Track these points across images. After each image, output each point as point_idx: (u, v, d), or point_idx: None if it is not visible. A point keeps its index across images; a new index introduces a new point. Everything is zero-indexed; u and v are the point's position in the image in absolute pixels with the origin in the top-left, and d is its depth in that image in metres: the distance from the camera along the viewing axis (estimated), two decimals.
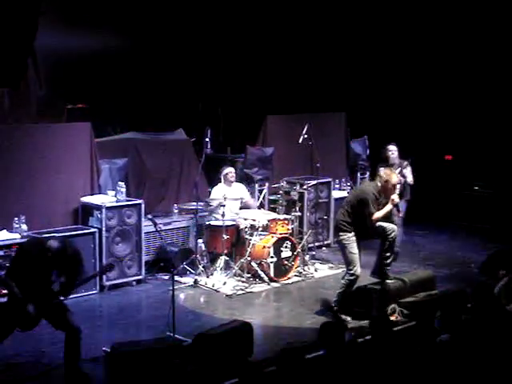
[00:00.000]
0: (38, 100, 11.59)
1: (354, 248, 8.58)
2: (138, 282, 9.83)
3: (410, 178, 10.49)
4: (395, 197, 8.56)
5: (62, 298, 6.98)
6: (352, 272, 8.60)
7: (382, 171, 8.72)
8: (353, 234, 8.56)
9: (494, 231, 12.54)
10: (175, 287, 7.68)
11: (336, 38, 13.93)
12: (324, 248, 11.70)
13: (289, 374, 5.44)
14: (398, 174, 9.35)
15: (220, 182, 10.60)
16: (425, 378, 5.58)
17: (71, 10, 11.71)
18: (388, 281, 8.71)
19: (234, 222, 10.15)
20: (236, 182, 10.70)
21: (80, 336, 6.85)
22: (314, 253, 11.03)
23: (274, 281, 9.94)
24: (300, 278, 10.21)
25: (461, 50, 13.71)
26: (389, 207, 8.52)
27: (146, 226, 9.78)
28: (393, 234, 8.60)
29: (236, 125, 13.38)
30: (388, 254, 8.70)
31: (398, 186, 8.88)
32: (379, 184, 8.54)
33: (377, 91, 14.23)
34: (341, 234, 8.60)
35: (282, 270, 10.05)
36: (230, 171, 10.58)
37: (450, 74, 13.91)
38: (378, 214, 8.46)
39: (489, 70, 13.50)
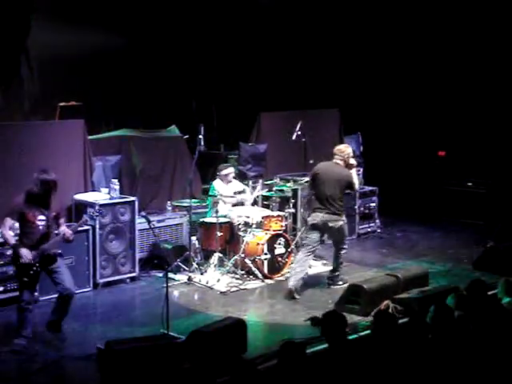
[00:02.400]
0: (30, 97, 11.58)
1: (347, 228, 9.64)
2: (132, 279, 9.83)
3: None
4: (354, 162, 9.66)
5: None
6: (346, 247, 9.64)
7: (336, 149, 9.61)
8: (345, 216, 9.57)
9: (488, 227, 12.58)
10: (169, 284, 7.67)
11: (329, 35, 13.94)
12: None
13: (289, 368, 5.45)
14: None
15: (216, 178, 10.60)
16: (420, 373, 5.59)
17: (64, 7, 11.69)
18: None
19: (227, 219, 10.15)
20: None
21: (71, 300, 7.49)
22: None
23: (268, 277, 9.94)
24: None
25: (453, 46, 13.72)
26: (356, 173, 9.66)
27: (140, 223, 9.78)
28: None
29: (229, 122, 13.38)
30: None
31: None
32: (340, 161, 9.46)
33: (370, 88, 14.24)
34: (342, 218, 9.44)
35: (275, 266, 10.06)
36: (230, 172, 10.58)
37: (444, 70, 13.93)
38: (356, 184, 9.65)
39: (482, 67, 13.52)
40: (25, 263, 7.32)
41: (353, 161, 9.65)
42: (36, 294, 8.77)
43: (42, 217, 7.41)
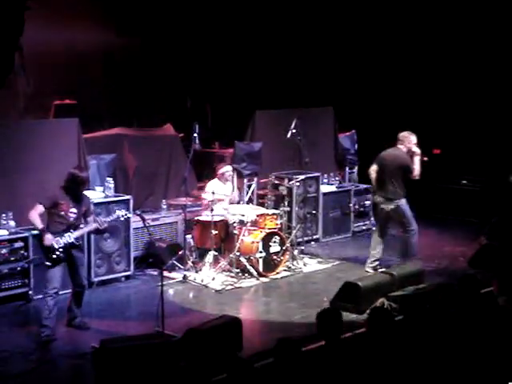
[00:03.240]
0: (25, 96, 11.56)
1: (408, 210, 10.01)
2: (127, 277, 9.81)
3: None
4: (417, 149, 9.93)
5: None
6: (412, 228, 9.97)
7: (400, 135, 10.00)
8: (404, 199, 9.95)
9: (482, 225, 12.58)
10: (164, 283, 7.67)
11: (324, 33, 13.94)
12: (313, 242, 11.71)
13: (285, 366, 5.45)
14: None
15: (213, 177, 10.61)
16: (416, 370, 5.60)
17: (58, 5, 11.68)
18: None
19: (222, 218, 10.14)
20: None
21: (84, 291, 8.02)
22: (302, 247, 11.04)
23: (263, 276, 9.94)
24: (289, 273, 10.22)
25: (448, 44, 13.73)
26: (418, 160, 9.92)
27: (135, 221, 9.76)
28: None
29: (224, 120, 13.37)
30: None
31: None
32: (403, 147, 9.93)
33: (365, 86, 14.24)
34: (396, 201, 9.89)
35: (270, 264, 10.05)
36: (227, 170, 10.58)
37: (438, 69, 13.94)
38: (416, 170, 9.89)
39: (477, 64, 13.53)
40: (48, 246, 7.63)
41: (415, 148, 9.95)
42: (30, 292, 8.80)
43: (74, 209, 7.86)
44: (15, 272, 8.77)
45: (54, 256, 7.69)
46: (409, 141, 9.96)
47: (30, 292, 8.81)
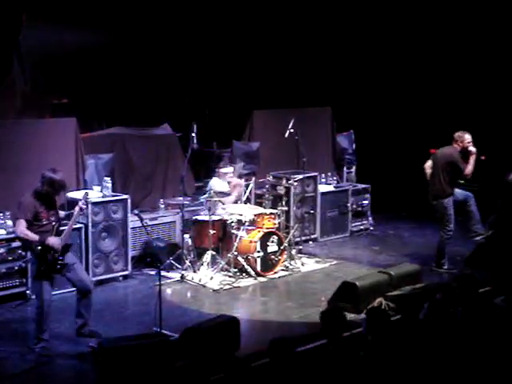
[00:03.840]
0: (22, 95, 11.55)
1: (451, 209, 10.09)
2: (125, 277, 9.82)
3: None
4: (472, 148, 10.03)
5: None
6: (449, 229, 10.16)
7: (455, 134, 10.14)
8: (450, 197, 10.08)
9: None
10: (162, 282, 7.68)
11: (321, 33, 13.94)
12: (311, 242, 11.72)
13: (279, 365, 5.46)
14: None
15: (214, 175, 10.62)
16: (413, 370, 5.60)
17: (55, 5, 11.66)
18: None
19: (220, 217, 10.14)
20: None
21: (91, 296, 7.62)
22: (300, 247, 11.05)
23: (261, 275, 9.95)
24: (287, 273, 10.22)
25: (444, 45, 13.74)
26: (473, 159, 10.02)
27: (133, 221, 9.77)
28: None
29: (222, 119, 13.36)
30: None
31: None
32: (457, 145, 10.07)
33: (363, 86, 14.25)
34: (439, 197, 10.10)
35: (268, 264, 10.06)
36: (228, 172, 10.59)
37: (436, 69, 13.95)
38: (468, 169, 10.00)
39: (473, 64, 13.54)
40: (53, 259, 7.30)
41: (471, 147, 10.07)
42: (28, 291, 8.80)
43: (52, 212, 7.48)
44: (13, 271, 8.77)
45: (59, 266, 7.38)
46: (462, 140, 10.10)
47: (28, 291, 8.80)
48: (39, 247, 7.31)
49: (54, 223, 7.43)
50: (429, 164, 10.46)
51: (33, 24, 10.90)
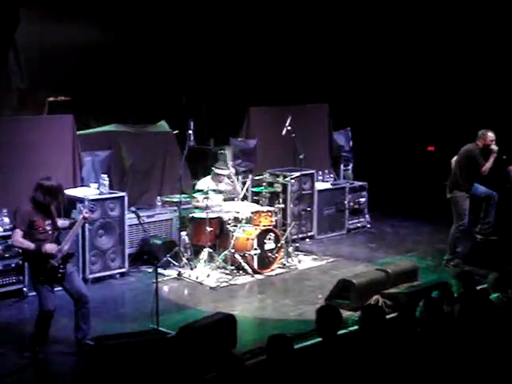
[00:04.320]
0: (19, 92, 11.52)
1: (464, 205, 10.12)
2: (122, 274, 9.81)
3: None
4: (494, 147, 10.09)
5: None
6: (460, 224, 10.17)
7: (480, 132, 10.19)
8: (465, 193, 10.13)
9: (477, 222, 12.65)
10: (159, 280, 7.68)
11: (318, 30, 13.93)
12: (307, 240, 11.73)
13: (277, 363, 5.45)
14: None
15: (207, 174, 10.62)
16: (408, 368, 5.60)
17: (52, 1, 11.64)
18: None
19: (217, 215, 10.14)
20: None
21: (88, 305, 7.43)
22: (297, 244, 11.05)
23: (258, 273, 9.95)
24: (284, 270, 10.23)
25: (442, 42, 13.74)
26: (492, 158, 10.08)
27: (130, 218, 9.76)
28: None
29: (219, 117, 13.35)
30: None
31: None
32: (479, 143, 10.13)
33: (360, 83, 14.24)
34: (454, 191, 10.18)
35: (265, 261, 10.06)
36: (223, 174, 10.61)
37: (433, 66, 13.95)
38: (486, 166, 10.04)
39: (471, 61, 13.54)
40: (53, 269, 7.17)
41: (493, 146, 10.12)
42: (25, 289, 8.79)
43: (48, 221, 7.33)
44: (10, 269, 8.77)
45: (59, 275, 7.23)
46: (485, 137, 10.14)
47: (25, 289, 8.80)
48: (35, 255, 7.18)
49: (50, 232, 7.29)
50: (454, 159, 10.56)
51: (29, 20, 10.87)
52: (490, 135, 10.19)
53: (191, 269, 9.86)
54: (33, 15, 11.12)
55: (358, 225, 12.58)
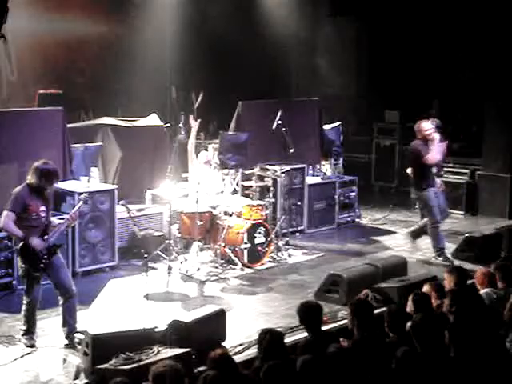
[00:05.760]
0: (8, 85, 11.49)
1: (431, 201, 10.03)
2: (112, 268, 9.79)
3: None
4: (434, 135, 9.96)
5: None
6: (433, 220, 10.08)
7: (415, 126, 10.16)
8: (429, 189, 9.99)
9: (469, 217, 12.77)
10: (149, 273, 7.65)
11: (313, 25, 13.94)
12: (298, 234, 11.72)
13: (268, 356, 5.46)
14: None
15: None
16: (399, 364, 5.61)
17: None
18: None
19: (207, 208, 10.12)
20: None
21: (74, 300, 7.37)
22: (287, 239, 11.05)
23: (248, 267, 9.95)
24: (274, 264, 10.23)
25: (439, 39, 13.77)
26: (435, 145, 9.90)
27: (119, 211, 9.72)
28: None
29: (210, 111, 13.33)
30: None
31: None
32: (419, 136, 10.00)
33: (353, 78, 14.27)
34: (416, 192, 10.30)
35: (255, 255, 10.06)
36: (203, 157, 10.59)
37: (430, 62, 13.98)
38: (430, 154, 9.82)
39: (469, 55, 13.57)
40: (35, 257, 7.11)
41: (434, 135, 9.98)
42: (14, 282, 8.76)
43: (43, 208, 7.24)
44: None
45: (42, 265, 7.16)
46: (420, 130, 10.08)
47: (14, 282, 8.76)
48: (21, 244, 7.13)
49: (43, 220, 7.22)
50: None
51: (19, 13, 10.81)
52: (424, 126, 10.09)
53: (181, 262, 9.85)
54: (23, 8, 11.07)
55: (348, 219, 12.59)
